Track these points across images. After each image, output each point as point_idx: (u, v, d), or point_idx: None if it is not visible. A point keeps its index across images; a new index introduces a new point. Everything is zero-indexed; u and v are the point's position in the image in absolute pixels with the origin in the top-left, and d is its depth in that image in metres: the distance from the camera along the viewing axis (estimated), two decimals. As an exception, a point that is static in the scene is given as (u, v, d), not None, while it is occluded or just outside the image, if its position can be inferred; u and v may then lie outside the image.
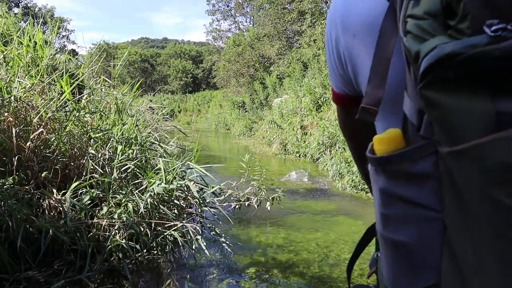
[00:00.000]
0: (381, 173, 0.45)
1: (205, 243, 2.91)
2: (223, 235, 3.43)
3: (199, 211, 3.46)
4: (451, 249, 0.40)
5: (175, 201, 3.11)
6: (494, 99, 0.34)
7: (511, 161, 0.33)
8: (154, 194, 2.87)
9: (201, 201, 3.32)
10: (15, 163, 2.54)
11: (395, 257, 0.48)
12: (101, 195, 2.79)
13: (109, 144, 3.18)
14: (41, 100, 2.95)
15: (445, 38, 0.37)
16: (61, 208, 2.54)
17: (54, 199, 2.57)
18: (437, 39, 0.37)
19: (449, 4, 0.37)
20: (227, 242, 3.32)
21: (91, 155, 2.99)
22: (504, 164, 0.33)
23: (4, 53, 3.11)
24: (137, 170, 3.17)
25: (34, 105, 2.88)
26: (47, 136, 2.82)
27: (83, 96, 3.35)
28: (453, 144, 0.37)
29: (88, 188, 2.79)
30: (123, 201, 2.77)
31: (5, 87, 2.74)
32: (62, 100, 3.03)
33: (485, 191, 0.34)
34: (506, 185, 0.33)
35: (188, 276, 2.66)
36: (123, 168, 3.09)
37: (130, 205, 2.70)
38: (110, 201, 2.76)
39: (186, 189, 3.24)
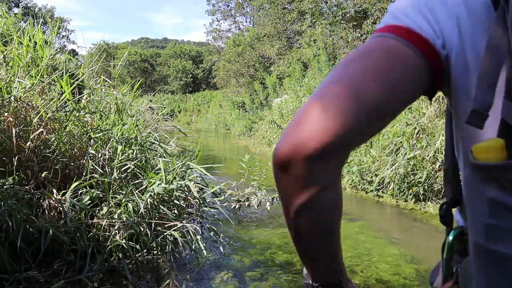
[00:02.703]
0: (492, 181, 0.43)
1: (205, 243, 2.91)
2: (222, 235, 3.43)
3: (199, 211, 3.46)
4: None
5: (175, 201, 3.11)
6: None
7: None
8: (154, 194, 2.87)
9: (201, 201, 3.32)
10: (15, 163, 2.54)
11: (497, 269, 0.45)
12: (101, 195, 2.79)
13: (109, 144, 3.18)
14: (41, 100, 2.95)
15: None
16: (61, 208, 2.54)
17: (54, 199, 2.57)
18: None
19: None
20: (227, 242, 3.32)
21: (91, 155, 2.99)
22: None
23: (4, 53, 3.11)
24: (137, 170, 3.17)
25: (34, 105, 2.88)
26: (47, 136, 2.81)
27: (83, 96, 3.35)
28: None
29: (88, 188, 2.79)
30: (123, 201, 2.77)
31: (5, 87, 2.74)
32: (62, 100, 3.03)
33: None
34: None
35: (188, 276, 2.66)
36: (123, 168, 3.09)
37: (130, 205, 2.70)
38: (110, 201, 2.77)
39: (186, 189, 3.24)
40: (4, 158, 2.62)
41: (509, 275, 0.43)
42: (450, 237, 0.59)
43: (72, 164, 2.96)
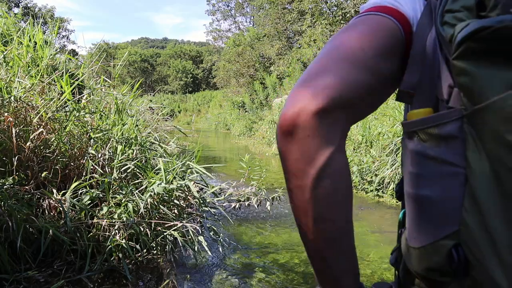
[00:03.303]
0: (413, 137, 0.52)
1: (205, 243, 2.91)
2: (222, 235, 3.43)
3: (199, 211, 3.46)
4: (472, 197, 0.46)
5: (175, 201, 3.11)
6: None
7: None
8: (154, 194, 2.87)
9: (201, 201, 3.32)
10: (15, 163, 2.54)
11: (420, 212, 0.52)
12: (101, 195, 2.79)
13: (109, 144, 3.18)
14: (41, 100, 2.95)
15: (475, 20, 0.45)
16: (61, 208, 2.54)
17: (54, 199, 2.57)
18: (469, 20, 0.46)
19: None
20: (227, 242, 3.32)
21: (91, 155, 2.99)
22: None
23: (4, 53, 3.11)
24: (137, 170, 3.17)
25: (34, 105, 2.88)
26: (47, 136, 2.82)
27: (83, 96, 3.35)
28: (475, 105, 0.44)
29: (88, 188, 2.79)
30: (123, 201, 2.77)
31: (5, 87, 2.74)
32: (62, 100, 3.03)
33: (505, 137, 0.42)
34: None
35: (188, 276, 2.66)
36: (123, 168, 3.09)
37: (130, 205, 2.70)
38: (110, 201, 2.77)
39: (186, 189, 3.24)
40: (4, 158, 2.62)
41: (425, 213, 0.51)
42: (401, 215, 0.66)
43: (72, 164, 2.96)
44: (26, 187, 2.55)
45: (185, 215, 3.18)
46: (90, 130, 3.14)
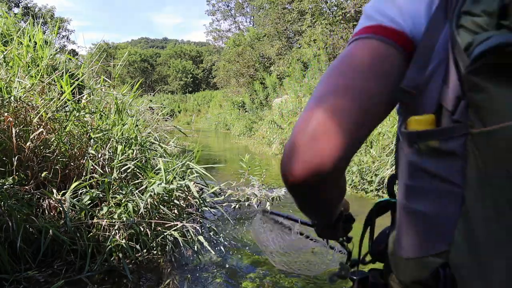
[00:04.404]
0: (412, 147, 0.50)
1: (205, 243, 2.91)
2: (222, 235, 3.43)
3: (199, 211, 3.46)
4: (467, 220, 0.44)
5: (175, 201, 3.11)
6: None
7: None
8: (154, 194, 2.87)
9: (201, 201, 3.32)
10: (15, 163, 2.54)
11: (411, 225, 0.51)
12: (101, 195, 2.79)
13: (109, 144, 3.18)
14: (41, 100, 2.95)
15: (498, 32, 0.41)
16: (61, 208, 2.54)
17: (54, 199, 2.57)
18: (491, 32, 0.41)
19: (505, 5, 0.41)
20: (227, 242, 3.32)
21: (91, 155, 2.99)
22: None
23: (4, 53, 3.11)
24: (137, 170, 3.17)
25: (34, 105, 2.88)
26: (47, 136, 2.82)
27: (83, 96, 3.35)
28: (485, 126, 0.41)
29: (88, 188, 2.79)
30: (123, 201, 2.77)
31: (5, 87, 2.74)
32: (62, 100, 3.03)
33: (506, 166, 0.40)
34: None
35: (188, 276, 2.66)
36: (123, 168, 3.09)
37: (130, 205, 2.70)
38: (110, 201, 2.76)
39: (186, 189, 3.24)
40: (4, 158, 2.62)
41: (417, 226, 0.50)
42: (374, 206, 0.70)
43: (72, 164, 2.96)
44: (26, 187, 2.55)
45: (185, 215, 3.18)
46: (90, 130, 3.14)
